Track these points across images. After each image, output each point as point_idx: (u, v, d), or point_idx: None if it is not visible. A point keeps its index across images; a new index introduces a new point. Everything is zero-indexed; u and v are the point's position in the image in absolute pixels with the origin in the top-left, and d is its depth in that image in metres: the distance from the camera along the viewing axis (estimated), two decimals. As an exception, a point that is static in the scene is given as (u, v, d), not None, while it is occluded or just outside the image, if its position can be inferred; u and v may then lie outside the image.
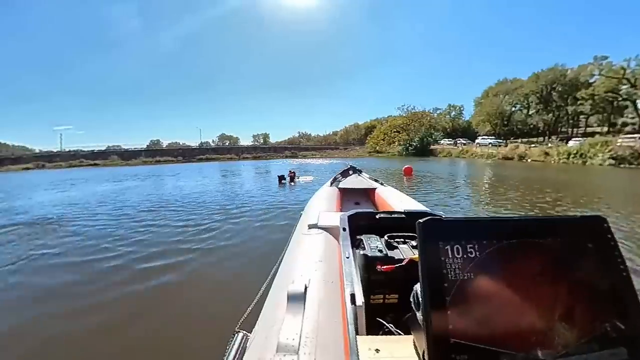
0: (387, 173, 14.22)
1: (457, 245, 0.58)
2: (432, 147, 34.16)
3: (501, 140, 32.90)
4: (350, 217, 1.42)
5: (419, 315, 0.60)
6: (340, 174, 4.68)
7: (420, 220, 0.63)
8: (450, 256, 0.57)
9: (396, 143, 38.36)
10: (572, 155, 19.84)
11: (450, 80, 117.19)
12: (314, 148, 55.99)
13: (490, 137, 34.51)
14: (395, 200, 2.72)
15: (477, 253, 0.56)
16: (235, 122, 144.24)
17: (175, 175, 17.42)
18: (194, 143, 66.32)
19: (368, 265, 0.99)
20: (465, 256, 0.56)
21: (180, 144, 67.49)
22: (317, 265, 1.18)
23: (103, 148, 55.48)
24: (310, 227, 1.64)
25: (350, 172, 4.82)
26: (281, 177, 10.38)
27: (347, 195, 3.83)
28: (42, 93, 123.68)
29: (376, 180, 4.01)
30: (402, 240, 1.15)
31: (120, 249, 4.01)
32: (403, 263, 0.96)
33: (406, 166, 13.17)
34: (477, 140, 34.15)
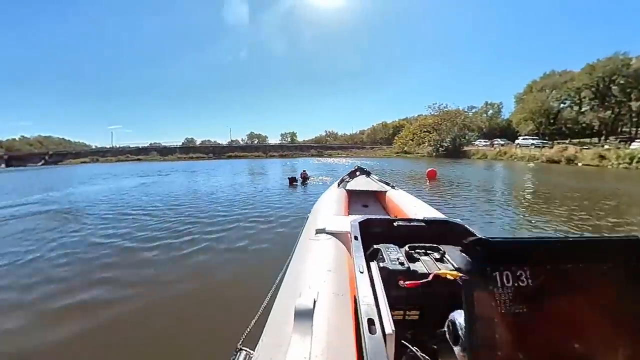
0: (408, 176, 13.32)
1: (507, 272, 0.51)
2: (465, 148, 31.83)
3: (546, 141, 29.67)
4: (362, 223, 1.27)
5: (457, 350, 0.53)
6: (347, 174, 4.43)
7: (466, 241, 0.57)
8: (500, 285, 0.50)
9: (426, 143, 36.35)
10: (636, 160, 17.00)
11: (487, 75, 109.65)
12: (339, 147, 55.56)
13: (533, 137, 31.35)
14: (408, 205, 2.52)
15: (530, 280, 0.49)
16: (264, 122, 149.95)
17: (194, 172, 18.29)
18: (224, 141, 69.46)
19: (389, 280, 0.89)
20: (516, 284, 0.49)
21: (212, 141, 70.98)
22: (326, 276, 1.08)
23: (146, 145, 60.27)
24: (318, 232, 1.54)
25: (358, 173, 4.52)
26: (292, 179, 9.77)
27: (355, 198, 3.66)
28: (100, 96, 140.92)
29: (387, 183, 3.74)
30: (422, 251, 1.05)
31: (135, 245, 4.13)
32: (429, 279, 0.84)
33: (430, 169, 12.04)
34: (517, 141, 31.22)
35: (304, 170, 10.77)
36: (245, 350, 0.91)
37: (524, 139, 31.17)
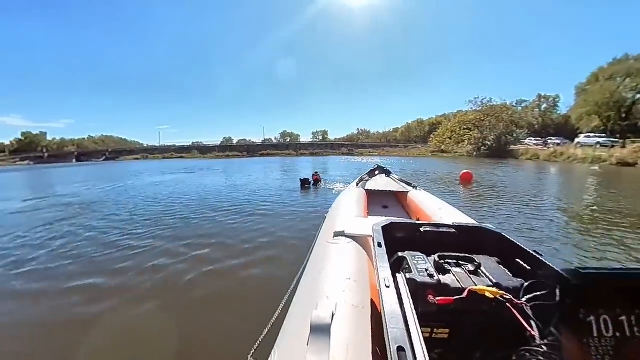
0: (438, 178, 11.80)
1: (605, 316, 0.44)
2: (512, 147, 28.52)
3: (616, 139, 25.25)
4: (385, 228, 1.15)
5: None
6: (366, 174, 4.28)
7: (556, 271, 0.53)
8: (596, 335, 0.43)
9: (465, 142, 33.48)
10: None
11: (540, 66, 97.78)
12: (371, 145, 54.09)
13: (598, 135, 26.78)
14: (432, 207, 2.34)
15: (637, 329, 0.39)
16: (296, 120, 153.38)
17: (223, 170, 18.53)
18: (258, 139, 72.17)
19: (416, 293, 0.80)
20: (618, 335, 0.40)
21: (247, 140, 74.13)
22: (346, 284, 1.01)
23: (188, 143, 65.08)
24: (337, 234, 1.46)
25: (377, 172, 4.36)
26: (304, 181, 9.19)
27: (374, 198, 3.46)
28: (151, 99, 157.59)
29: (408, 183, 3.53)
30: (454, 261, 0.96)
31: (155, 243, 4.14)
32: (463, 295, 0.78)
33: (464, 171, 10.42)
34: (577, 139, 26.83)
35: (316, 172, 10.06)
36: None
37: (586, 136, 26.69)
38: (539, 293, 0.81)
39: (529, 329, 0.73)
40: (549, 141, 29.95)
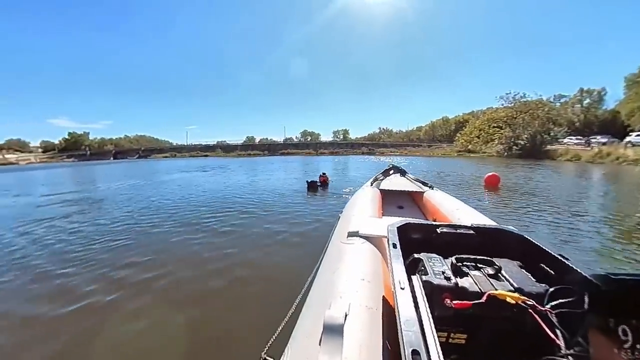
0: (463, 181, 10.53)
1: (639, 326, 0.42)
2: (548, 147, 26.08)
3: (676, 138, 22.15)
4: (400, 229, 1.12)
5: None
6: (381, 173, 4.23)
7: (585, 277, 0.54)
8: (629, 346, 0.42)
9: (495, 141, 31.24)
10: None
11: (585, 56, 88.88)
12: (392, 145, 52.62)
13: (654, 134, 23.72)
14: (449, 208, 2.27)
15: None
16: (317, 120, 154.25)
17: (237, 168, 18.58)
18: (280, 139, 73.26)
19: (432, 296, 0.78)
20: None
21: (269, 139, 75.43)
22: (360, 285, 0.99)
23: (213, 142, 67.67)
24: (351, 235, 1.45)
25: (392, 171, 4.32)
26: (312, 183, 8.54)
27: (389, 198, 3.42)
28: (182, 101, 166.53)
29: (424, 183, 3.44)
30: (472, 264, 0.92)
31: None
32: (482, 300, 0.75)
33: (490, 174, 9.09)
34: (628, 138, 23.88)
35: (323, 173, 9.33)
36: None
37: (639, 135, 23.94)
38: (565, 300, 0.76)
39: (553, 337, 0.70)
40: (592, 140, 26.93)
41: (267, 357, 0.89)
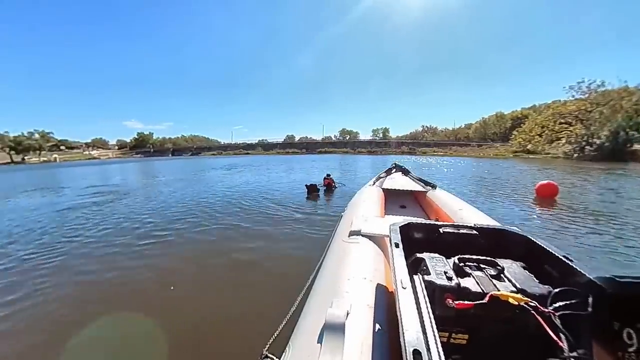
0: (510, 188, 8.13)
1: None
2: (635, 146, 21.10)
3: None
4: (403, 228, 1.11)
5: None
6: (384, 172, 4.20)
7: (589, 279, 0.58)
8: (634, 349, 0.46)
9: (562, 140, 26.45)
10: None
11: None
12: (436, 144, 48.84)
13: None
14: (452, 208, 2.28)
15: None
16: (356, 118, 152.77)
17: (263, 166, 18.41)
18: (319, 137, 73.91)
19: (434, 296, 0.79)
20: None
21: (308, 138, 76.60)
22: (361, 284, 1.00)
23: (254, 141, 71.24)
24: (353, 233, 1.45)
25: (394, 170, 4.31)
26: (311, 187, 7.37)
27: (392, 197, 3.42)
28: (231, 103, 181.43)
29: (427, 182, 3.40)
30: (475, 264, 0.92)
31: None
32: (484, 300, 0.75)
33: (544, 182, 6.74)
34: None
35: (328, 175, 8.18)
36: (271, 358, 0.86)
37: None
38: (568, 302, 0.76)
39: (556, 339, 0.70)
40: None
41: (269, 355, 0.88)
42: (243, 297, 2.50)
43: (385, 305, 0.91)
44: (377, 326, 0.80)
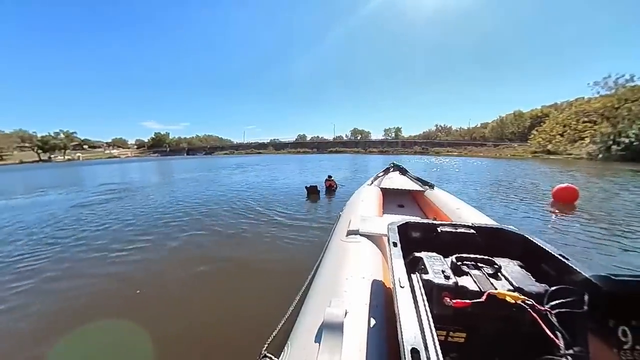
0: (525, 191, 7.70)
1: None
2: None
3: None
4: (401, 227, 1.12)
5: None
6: (382, 171, 4.21)
7: (585, 277, 0.60)
8: (629, 346, 0.48)
9: (586, 139, 25.07)
10: None
11: None
12: (450, 144, 47.51)
13: None
14: (450, 207, 2.30)
15: None
16: (368, 117, 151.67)
17: (268, 167, 18.48)
18: (330, 137, 73.72)
19: (431, 295, 0.79)
20: None
21: (319, 137, 76.57)
22: (360, 283, 1.01)
23: (266, 140, 72.01)
24: (351, 233, 1.46)
25: (393, 170, 4.30)
26: (312, 189, 6.93)
27: (390, 197, 3.43)
28: (244, 103, 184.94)
29: (424, 182, 3.40)
30: (472, 263, 0.92)
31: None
32: (482, 299, 0.76)
33: (562, 185, 6.09)
34: None
35: (330, 176, 7.91)
36: (269, 357, 0.86)
37: None
38: (565, 300, 0.77)
39: (552, 337, 0.70)
40: None
41: (268, 354, 0.87)
42: (241, 295, 2.48)
43: (384, 304, 0.91)
44: (376, 325, 0.80)
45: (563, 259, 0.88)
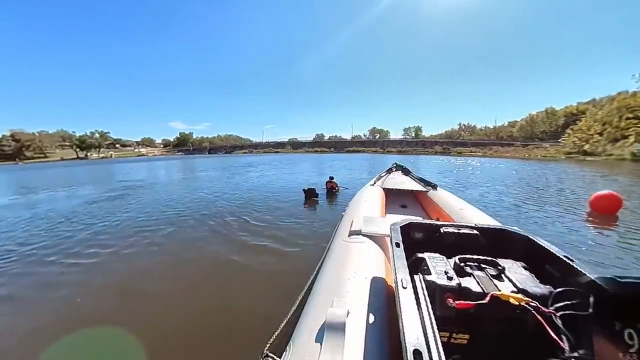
0: (557, 197, 6.89)
1: None
2: None
3: None
4: (403, 228, 1.10)
5: None
6: (385, 171, 4.23)
7: (591, 279, 0.62)
8: (635, 350, 0.49)
9: (631, 138, 22.74)
10: None
11: None
12: (474, 143, 45.27)
13: None
14: (453, 207, 2.26)
15: None
16: (387, 116, 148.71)
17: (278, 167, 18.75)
18: (348, 136, 73.19)
19: (434, 296, 0.78)
20: None
21: (337, 136, 76.20)
22: (362, 283, 1.00)
23: (284, 140, 72.75)
24: (353, 233, 1.46)
25: (394, 169, 4.33)
26: (310, 192, 6.26)
27: (392, 197, 3.44)
28: (260, 102, 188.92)
29: (427, 182, 3.35)
30: (475, 264, 0.91)
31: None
32: (485, 301, 0.75)
33: (602, 192, 5.18)
34: None
35: (331, 178, 7.30)
36: (272, 357, 0.86)
37: None
38: (570, 302, 0.76)
39: (557, 339, 0.69)
40: None
41: (270, 354, 0.88)
42: (243, 294, 2.46)
43: (386, 305, 0.91)
44: (378, 326, 0.80)
45: (568, 261, 0.86)
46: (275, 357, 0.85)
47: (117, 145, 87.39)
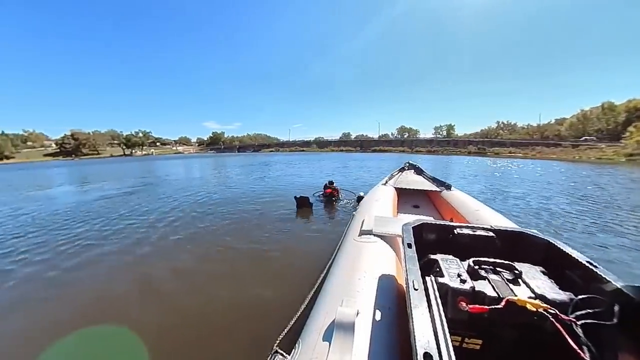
0: (617, 211, 5.28)
1: None
2: None
3: None
4: (416, 228, 1.09)
5: None
6: (397, 170, 4.21)
7: (616, 287, 0.62)
8: None
9: None
10: None
11: None
12: (514, 143, 41.51)
13: None
14: (468, 208, 2.19)
15: None
16: (417, 115, 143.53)
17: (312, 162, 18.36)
18: (375, 135, 71.57)
19: (446, 299, 0.76)
20: None
21: (364, 135, 74.88)
22: (372, 284, 0.99)
23: (310, 139, 73.19)
24: (364, 233, 1.45)
25: (407, 168, 4.29)
26: (302, 201, 5.21)
27: (405, 197, 3.40)
28: (288, 101, 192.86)
29: (441, 182, 3.29)
30: (491, 267, 0.88)
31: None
32: (500, 306, 0.72)
33: None
34: None
35: (330, 182, 6.31)
36: (281, 354, 0.86)
37: None
38: (592, 310, 0.73)
39: (578, 350, 0.65)
40: None
41: (279, 350, 0.88)
42: (255, 292, 2.44)
43: (397, 306, 0.89)
44: (388, 327, 0.78)
45: (591, 267, 0.82)
46: (284, 353, 0.85)
47: (158, 144, 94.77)
